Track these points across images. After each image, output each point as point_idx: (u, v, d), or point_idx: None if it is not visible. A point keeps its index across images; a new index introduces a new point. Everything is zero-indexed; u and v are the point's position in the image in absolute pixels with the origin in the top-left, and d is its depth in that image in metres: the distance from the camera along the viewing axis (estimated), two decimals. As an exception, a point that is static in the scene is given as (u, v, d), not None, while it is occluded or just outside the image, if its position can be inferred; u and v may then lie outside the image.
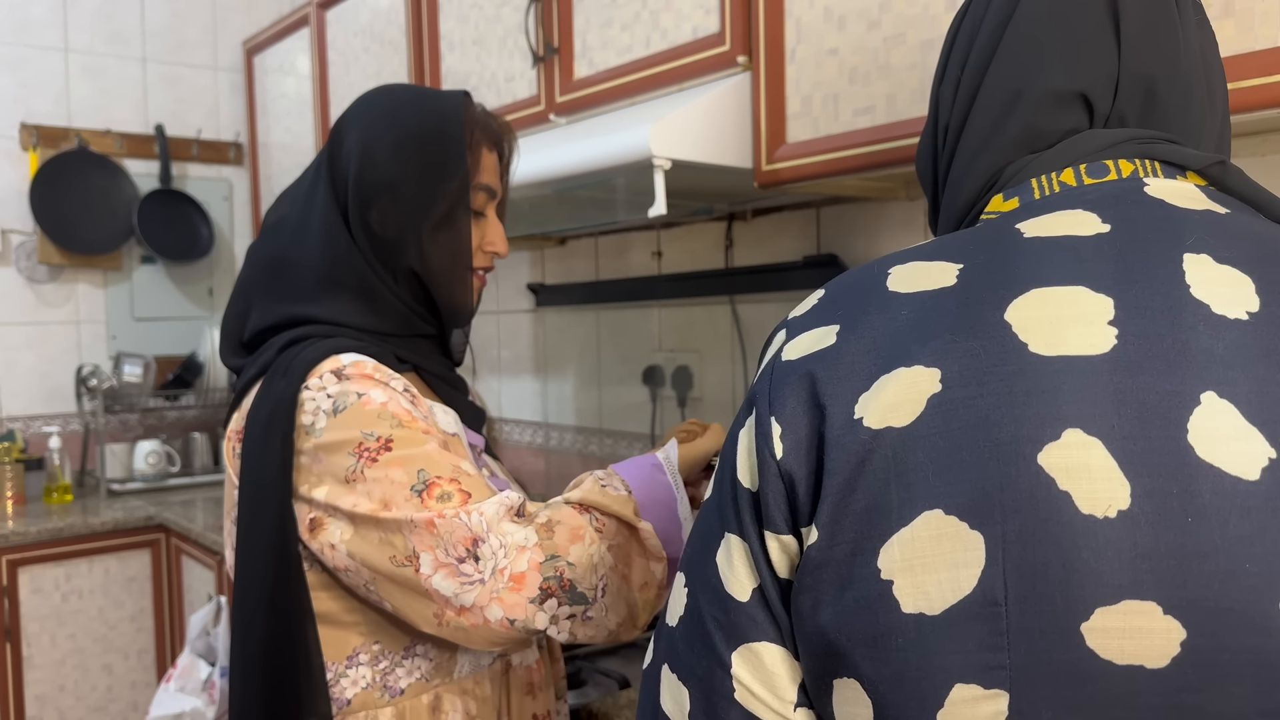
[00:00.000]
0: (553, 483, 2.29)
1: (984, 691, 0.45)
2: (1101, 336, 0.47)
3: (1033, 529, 0.45)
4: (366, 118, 1.04)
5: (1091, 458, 0.45)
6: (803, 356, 0.53)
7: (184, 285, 3.12)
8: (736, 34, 1.35)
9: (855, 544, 0.48)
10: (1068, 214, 0.54)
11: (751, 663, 0.53)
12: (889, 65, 1.17)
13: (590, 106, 1.59)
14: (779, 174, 1.30)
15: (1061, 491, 0.45)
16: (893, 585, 0.47)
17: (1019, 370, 0.47)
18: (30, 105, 2.87)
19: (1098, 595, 0.44)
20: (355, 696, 0.96)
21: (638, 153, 1.27)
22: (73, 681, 2.50)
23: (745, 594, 0.53)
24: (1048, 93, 0.59)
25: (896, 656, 0.47)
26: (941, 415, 0.47)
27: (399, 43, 2.11)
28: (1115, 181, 0.56)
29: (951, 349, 0.49)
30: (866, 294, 0.54)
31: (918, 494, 0.47)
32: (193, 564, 2.51)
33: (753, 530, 0.53)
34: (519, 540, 0.86)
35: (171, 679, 1.77)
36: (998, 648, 0.45)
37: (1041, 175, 0.58)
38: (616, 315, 2.11)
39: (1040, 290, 0.49)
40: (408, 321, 1.04)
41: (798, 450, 0.51)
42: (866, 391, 0.50)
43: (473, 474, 0.92)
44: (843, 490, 0.49)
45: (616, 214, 1.80)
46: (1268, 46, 0.87)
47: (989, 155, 0.61)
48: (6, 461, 2.64)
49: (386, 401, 0.93)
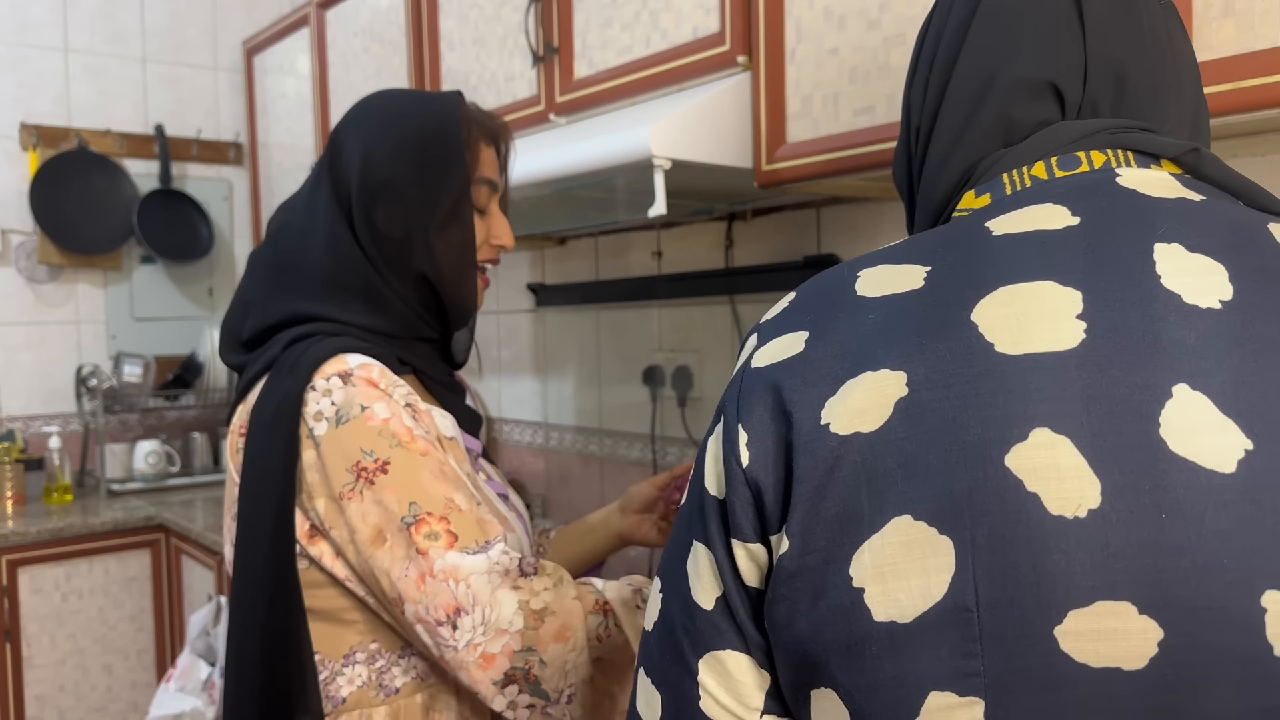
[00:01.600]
0: (553, 483, 2.29)
1: (959, 699, 0.45)
2: (1069, 331, 0.46)
3: (1002, 532, 0.44)
4: (365, 123, 1.04)
5: (1060, 457, 0.44)
6: (770, 364, 0.52)
7: (184, 285, 3.13)
8: (736, 34, 1.35)
9: (827, 552, 0.48)
10: (1038, 208, 0.53)
11: (717, 670, 0.53)
12: (889, 65, 1.17)
13: (590, 106, 1.59)
14: (779, 174, 1.30)
15: (1030, 493, 0.44)
16: (864, 593, 0.46)
17: (985, 371, 0.46)
18: (30, 105, 2.87)
19: (1070, 597, 0.43)
20: (350, 695, 0.96)
21: (638, 153, 1.27)
22: (73, 682, 2.50)
23: (709, 602, 0.53)
24: (1019, 80, 0.58)
25: (871, 666, 0.46)
26: (908, 419, 0.47)
27: (399, 43, 2.11)
28: (1087, 173, 0.55)
29: (918, 352, 0.48)
30: (834, 299, 0.53)
31: (887, 500, 0.46)
32: (193, 564, 2.51)
33: (718, 538, 0.52)
34: (503, 622, 0.86)
35: (171, 679, 1.77)
36: (971, 654, 0.44)
37: (1013, 169, 0.57)
38: (616, 315, 2.11)
39: (1007, 288, 0.48)
40: (410, 324, 1.05)
41: (764, 458, 0.50)
42: (833, 397, 0.49)
43: (464, 509, 0.91)
44: (813, 497, 0.48)
45: (616, 214, 1.80)
46: (1268, 46, 0.87)
47: (962, 149, 0.60)
48: (6, 461, 2.64)
49: (389, 419, 0.93)
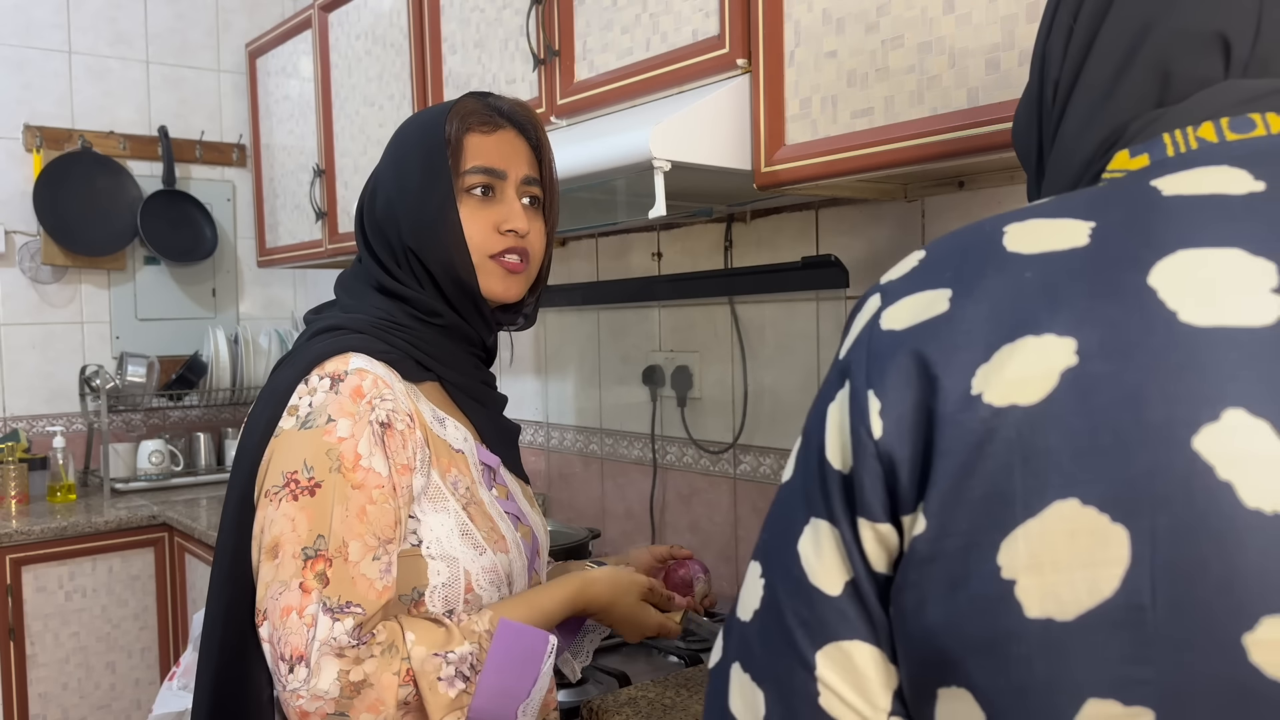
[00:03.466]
0: (553, 482, 2.30)
1: (1124, 709, 0.40)
2: (1264, 305, 0.41)
3: (1188, 524, 0.39)
4: (386, 148, 1.10)
5: (1257, 442, 0.39)
6: (909, 325, 0.47)
7: (187, 286, 3.14)
8: (736, 37, 1.36)
9: (970, 536, 0.43)
10: (1212, 170, 0.47)
11: (840, 664, 0.47)
12: (887, 68, 1.18)
13: (591, 109, 1.60)
14: (778, 176, 1.31)
15: (1222, 481, 0.39)
16: (1015, 585, 0.41)
17: (1169, 342, 0.41)
18: (34, 107, 2.88)
19: (1265, 602, 0.38)
20: None
21: (638, 155, 1.28)
22: (76, 680, 2.51)
23: (836, 587, 0.47)
24: (1179, 33, 0.52)
25: (1018, 666, 0.41)
26: (1078, 392, 0.42)
27: (401, 45, 2.12)
28: (1264, 138, 0.49)
29: (1088, 317, 0.43)
30: (980, 254, 0.48)
31: (1048, 481, 0.41)
32: (196, 563, 2.52)
33: (844, 516, 0.47)
34: (320, 688, 0.86)
35: (175, 677, 1.78)
36: (1142, 659, 0.39)
37: (1175, 129, 0.51)
38: (617, 316, 2.12)
39: (1188, 252, 0.43)
40: (434, 311, 1.05)
41: (900, 428, 0.45)
42: (986, 363, 0.44)
43: (352, 560, 0.90)
44: (958, 474, 0.43)
45: (617, 215, 1.81)
46: None
47: (1111, 107, 0.54)
48: (11, 461, 2.65)
49: (345, 439, 0.92)
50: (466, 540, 0.99)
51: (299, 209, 2.68)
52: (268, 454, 0.95)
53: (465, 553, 0.98)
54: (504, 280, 1.04)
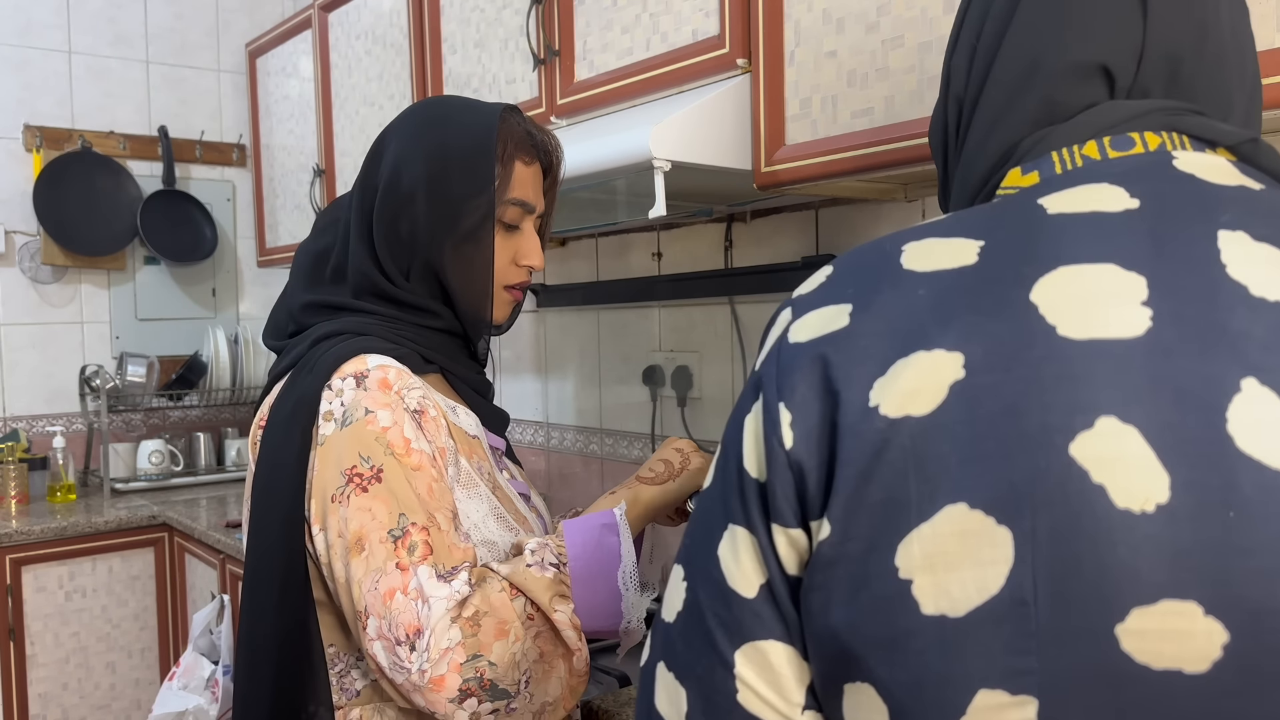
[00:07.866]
0: (553, 482, 2.30)
1: (1010, 698, 0.43)
2: (1135, 317, 0.44)
3: (1065, 524, 0.42)
4: (404, 131, 1.04)
5: (1127, 447, 0.42)
6: (813, 339, 0.49)
7: (187, 286, 3.14)
8: (736, 37, 1.36)
9: (870, 540, 0.45)
10: (1093, 188, 0.50)
11: (757, 662, 0.49)
12: (887, 68, 1.18)
13: (591, 109, 1.60)
14: (778, 175, 1.31)
15: (1095, 484, 0.42)
16: (912, 585, 0.44)
17: (1047, 354, 0.44)
18: (34, 106, 2.88)
19: (1135, 594, 0.41)
20: (364, 688, 0.97)
21: (638, 155, 1.28)
22: (76, 680, 2.51)
23: (752, 589, 0.50)
24: (1067, 64, 0.56)
25: (915, 661, 0.44)
26: (965, 403, 0.44)
27: (401, 45, 2.12)
28: (1141, 155, 0.52)
29: (975, 332, 0.46)
30: (879, 272, 0.50)
31: (939, 487, 0.44)
32: (196, 563, 2.52)
33: (760, 523, 0.50)
34: (445, 643, 0.86)
35: (175, 677, 1.78)
36: (1026, 651, 0.42)
37: (1062, 148, 0.54)
38: (617, 316, 2.12)
39: (1067, 268, 0.46)
40: (431, 316, 1.04)
41: (808, 439, 0.48)
42: (882, 377, 0.46)
43: (444, 530, 0.91)
44: (858, 482, 0.46)
45: (617, 215, 1.81)
46: (1268, 47, 0.88)
47: (1004, 129, 0.58)
48: (11, 461, 2.65)
49: (389, 427, 0.93)
50: (501, 523, 1.00)
51: (299, 209, 2.68)
52: (316, 465, 0.93)
53: (502, 535, 1.00)
54: (506, 308, 1.07)
